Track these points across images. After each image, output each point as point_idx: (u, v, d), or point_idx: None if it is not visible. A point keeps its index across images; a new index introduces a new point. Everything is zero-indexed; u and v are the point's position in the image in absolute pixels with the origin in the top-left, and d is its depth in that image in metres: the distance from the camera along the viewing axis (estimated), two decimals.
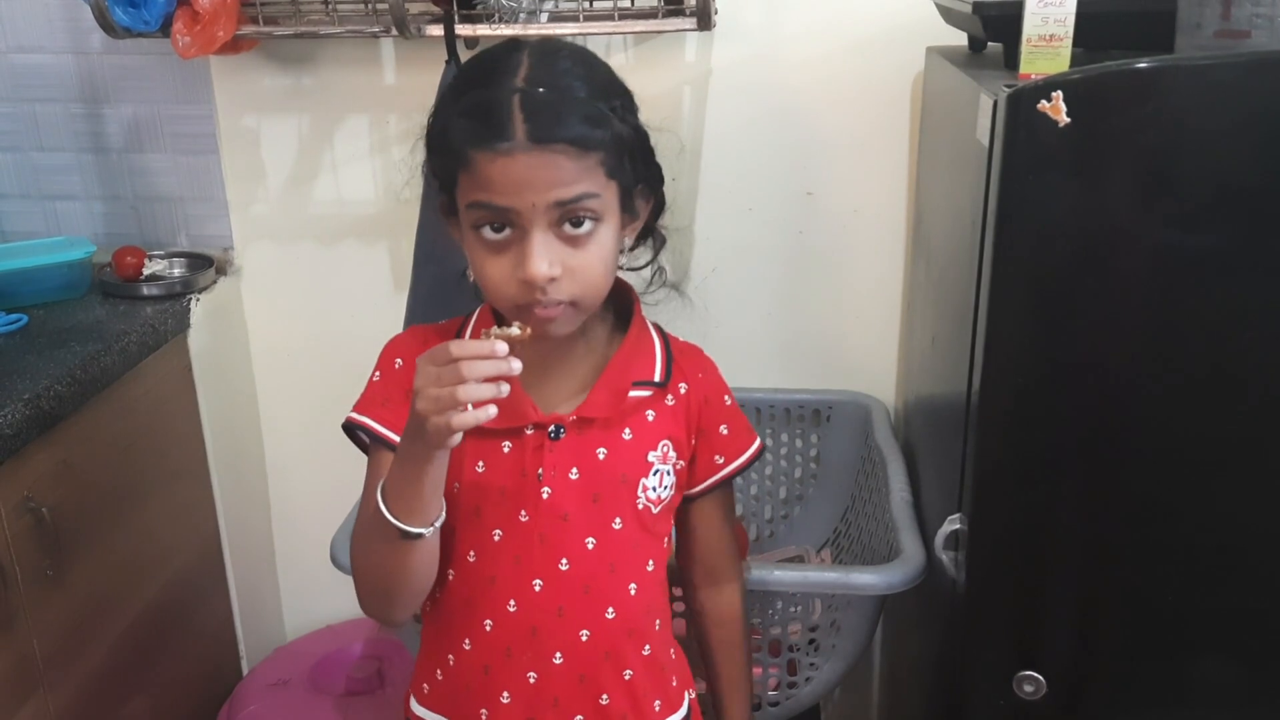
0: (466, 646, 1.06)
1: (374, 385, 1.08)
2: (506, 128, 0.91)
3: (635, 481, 1.06)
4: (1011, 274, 1.00)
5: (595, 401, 1.04)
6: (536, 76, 0.94)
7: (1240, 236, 0.95)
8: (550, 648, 1.05)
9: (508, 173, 0.91)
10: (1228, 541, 1.05)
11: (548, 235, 0.93)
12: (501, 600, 1.04)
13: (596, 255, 0.96)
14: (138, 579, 1.57)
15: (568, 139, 0.92)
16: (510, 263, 0.94)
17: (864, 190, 1.66)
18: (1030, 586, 1.10)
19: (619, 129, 0.96)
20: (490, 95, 0.93)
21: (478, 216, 0.95)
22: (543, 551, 1.03)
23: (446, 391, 0.85)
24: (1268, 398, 1.00)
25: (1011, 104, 0.94)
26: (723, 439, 1.13)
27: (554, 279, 0.94)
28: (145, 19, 1.46)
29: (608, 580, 1.05)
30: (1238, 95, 0.92)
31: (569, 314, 0.97)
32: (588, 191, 0.93)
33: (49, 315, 1.57)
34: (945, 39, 1.45)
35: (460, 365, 0.84)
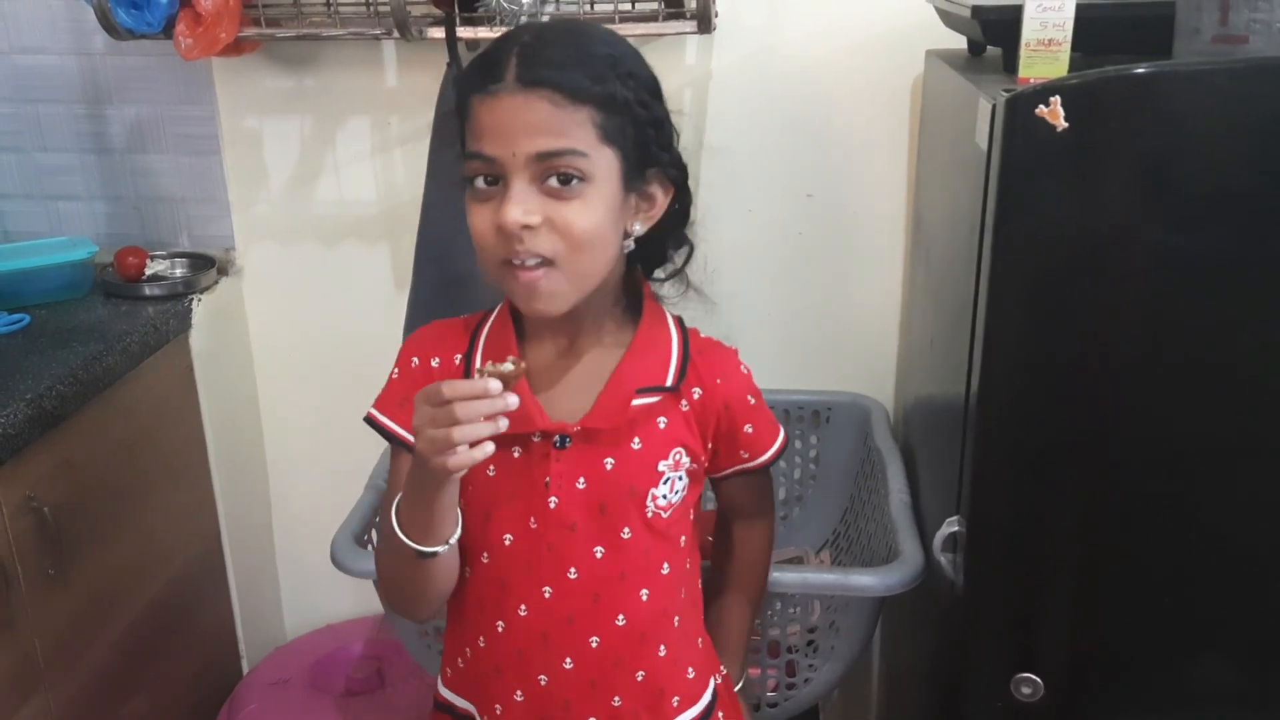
0: (481, 644, 1.07)
1: (393, 382, 1.08)
2: (499, 71, 0.92)
3: (644, 492, 1.04)
4: (1009, 277, 1.01)
5: (600, 411, 1.02)
6: (546, 34, 0.95)
7: (1237, 240, 0.95)
8: (560, 653, 1.04)
9: (495, 115, 0.92)
10: (1226, 543, 1.05)
11: (529, 186, 0.92)
12: (513, 604, 1.04)
13: (581, 211, 0.93)
14: (139, 578, 1.57)
15: (554, 83, 0.91)
16: (492, 212, 0.93)
17: (863, 192, 1.66)
18: (1028, 589, 1.10)
19: (618, 91, 0.94)
20: (495, 48, 0.95)
21: (470, 167, 0.95)
22: (551, 560, 1.03)
23: (442, 433, 0.85)
24: (1265, 399, 1.00)
25: (1010, 108, 0.94)
26: (747, 437, 1.12)
27: (529, 227, 0.92)
28: (148, 20, 1.46)
29: (618, 589, 1.04)
30: (1235, 101, 0.92)
31: (553, 279, 0.94)
32: (572, 147, 0.92)
33: (51, 315, 1.58)
34: (945, 42, 1.45)
35: (454, 407, 0.84)
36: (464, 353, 1.06)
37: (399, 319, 1.59)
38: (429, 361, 1.06)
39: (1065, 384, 1.02)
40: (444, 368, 1.06)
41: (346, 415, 1.80)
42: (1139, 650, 1.10)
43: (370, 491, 1.49)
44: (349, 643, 1.83)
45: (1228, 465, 1.03)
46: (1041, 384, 1.03)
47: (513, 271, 0.94)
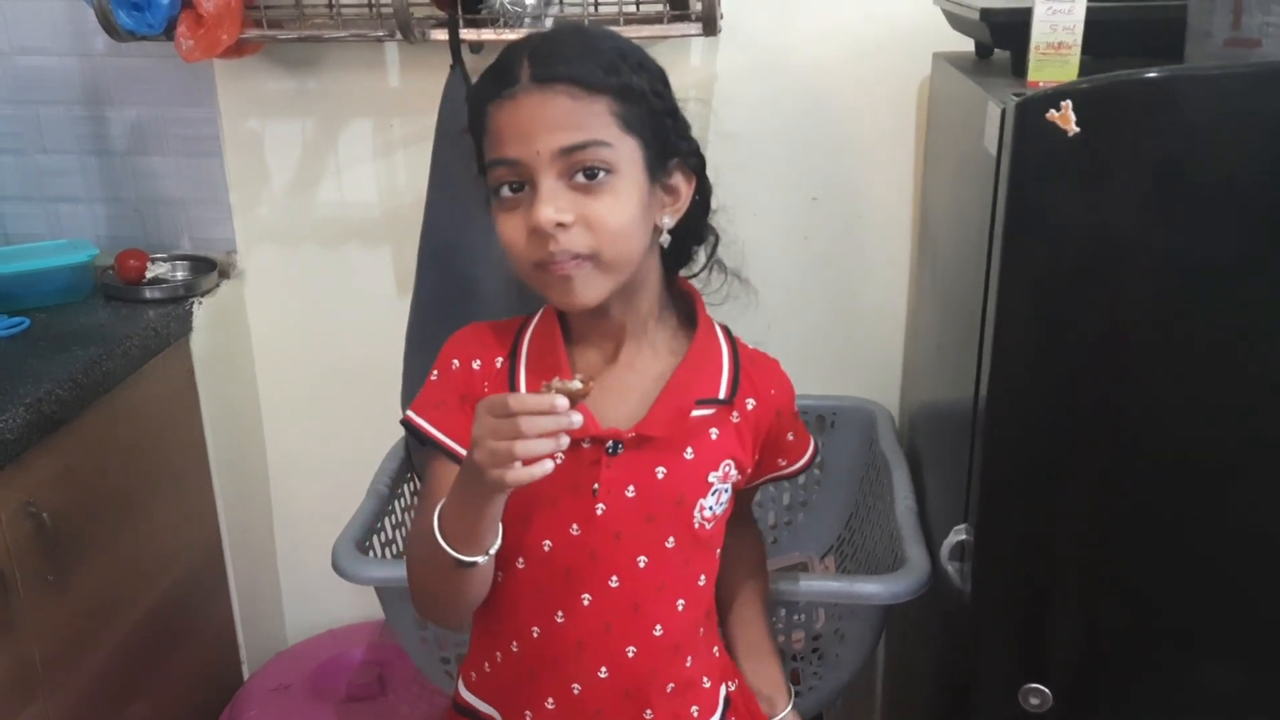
0: (514, 649, 1.06)
1: (431, 385, 1.06)
2: (513, 74, 0.92)
3: (693, 503, 1.03)
4: (1019, 282, 1.00)
5: (657, 418, 1.01)
6: (554, 34, 0.96)
7: (1249, 245, 0.94)
8: (596, 662, 1.03)
9: (514, 118, 0.91)
10: (1236, 552, 1.04)
11: (557, 184, 0.91)
12: (549, 610, 1.03)
13: (612, 205, 0.93)
14: (139, 584, 1.56)
15: (569, 77, 0.91)
16: (523, 217, 0.93)
17: (870, 196, 1.65)
18: (1036, 599, 1.09)
19: (631, 80, 0.94)
20: (507, 54, 0.95)
21: (494, 176, 0.94)
22: (593, 567, 1.02)
23: (503, 446, 0.82)
24: (1274, 406, 0.99)
25: (1020, 113, 0.93)
26: (788, 444, 1.14)
27: (563, 225, 0.91)
28: (149, 22, 1.45)
29: (657, 598, 1.04)
30: (1247, 105, 0.91)
31: (590, 273, 0.94)
32: (595, 139, 0.91)
33: (51, 319, 1.57)
34: (952, 45, 1.44)
35: (519, 420, 0.82)
36: (506, 356, 1.04)
37: (401, 322, 1.58)
38: (470, 364, 1.04)
39: (1075, 391, 1.01)
40: (485, 370, 1.04)
41: (349, 419, 1.82)
42: (1148, 661, 1.09)
43: (372, 497, 1.48)
44: (350, 648, 1.82)
45: (1239, 472, 1.02)
46: (1051, 391, 1.02)
47: (547, 269, 0.94)
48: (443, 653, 1.40)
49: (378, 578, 1.33)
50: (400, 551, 1.52)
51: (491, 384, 1.03)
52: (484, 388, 1.03)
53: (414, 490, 1.62)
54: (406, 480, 1.60)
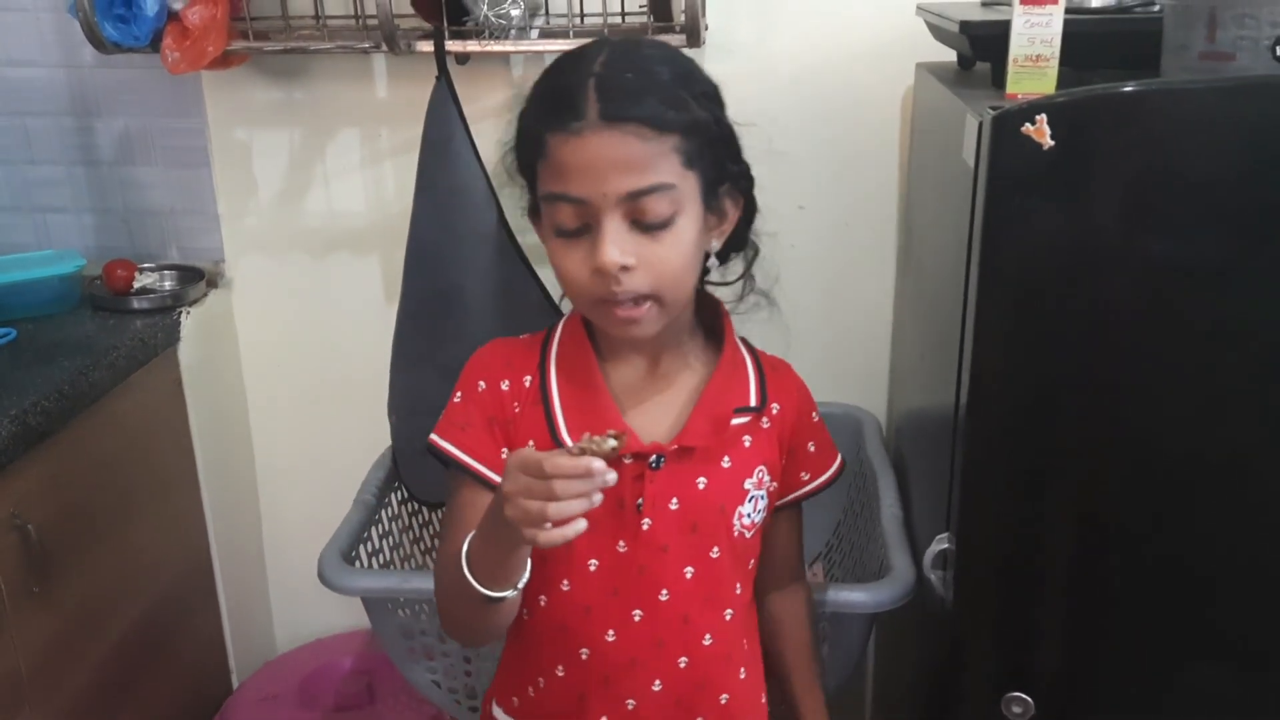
0: (560, 673, 1.04)
1: (454, 407, 1.04)
2: (579, 107, 0.89)
3: (733, 510, 1.04)
4: (998, 293, 1.00)
5: (696, 429, 1.01)
6: (614, 62, 0.92)
7: (1225, 256, 0.95)
8: (649, 677, 1.03)
9: (580, 154, 0.89)
10: (1218, 559, 1.05)
11: (621, 224, 0.91)
12: (599, 630, 1.02)
13: (673, 247, 0.93)
14: (126, 594, 1.56)
15: (640, 117, 0.89)
16: (584, 254, 0.92)
17: (854, 204, 1.66)
18: (1019, 607, 1.10)
19: (698, 115, 0.93)
20: (567, 79, 0.92)
21: (553, 210, 0.93)
22: (642, 583, 1.01)
23: (536, 507, 0.81)
24: (1253, 413, 1.00)
25: (996, 126, 0.94)
26: (810, 456, 1.13)
27: (626, 268, 0.91)
28: (135, 34, 1.46)
29: (705, 608, 1.04)
30: (1222, 118, 0.92)
31: (651, 312, 0.95)
32: (662, 182, 0.91)
33: (38, 329, 1.57)
34: (935, 55, 1.45)
35: (553, 484, 0.80)
36: (535, 373, 1.04)
37: (389, 331, 1.58)
38: (498, 384, 1.03)
39: (1054, 400, 1.02)
40: (515, 390, 1.03)
41: (337, 429, 1.82)
42: (1130, 669, 1.09)
43: (358, 507, 1.49)
44: (339, 658, 1.82)
45: (1218, 479, 1.02)
46: (1030, 400, 1.03)
47: (609, 308, 0.94)
48: (429, 663, 1.40)
49: (364, 588, 1.33)
50: (386, 561, 1.52)
51: (522, 403, 1.02)
52: (514, 408, 1.02)
53: (400, 500, 1.63)
54: (393, 490, 1.61)
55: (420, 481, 1.61)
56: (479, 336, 1.51)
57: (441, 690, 1.42)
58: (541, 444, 1.00)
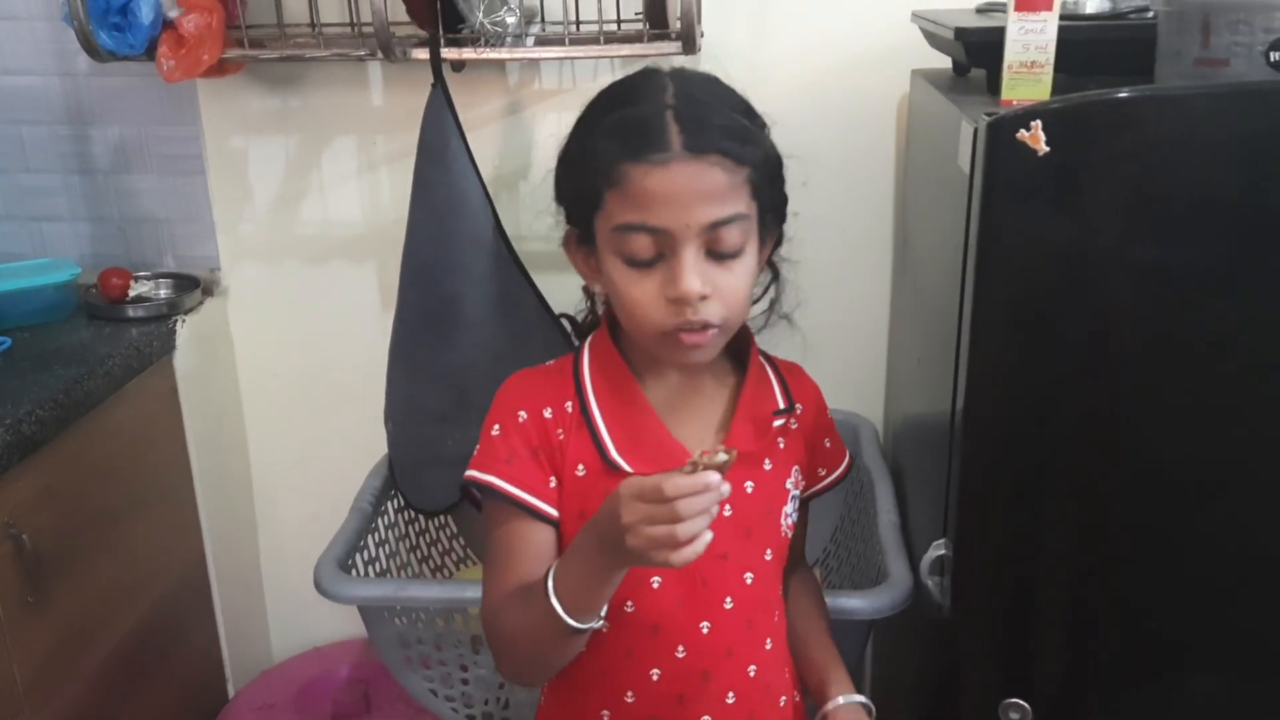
0: (629, 699, 1.02)
1: (495, 440, 1.02)
2: (662, 139, 0.90)
3: (778, 511, 1.06)
4: (993, 299, 1.00)
5: (742, 434, 1.03)
6: (685, 93, 0.94)
7: (1220, 261, 0.95)
8: (723, 689, 1.03)
9: (665, 185, 0.90)
10: (1216, 563, 1.05)
11: (699, 254, 0.92)
12: (668, 648, 1.01)
13: (742, 277, 0.96)
14: (122, 604, 1.55)
15: (722, 150, 0.91)
16: (657, 284, 0.93)
17: (850, 211, 1.66)
18: (1016, 613, 1.10)
19: (766, 148, 0.96)
20: (642, 111, 0.93)
21: (626, 240, 0.93)
22: (706, 594, 1.01)
23: (663, 531, 0.81)
24: (1250, 419, 1.00)
25: (991, 132, 0.94)
26: (826, 452, 1.15)
27: (705, 297, 0.92)
28: (130, 42, 1.45)
29: (763, 612, 1.05)
30: (1216, 124, 0.92)
31: (715, 339, 0.96)
32: (739, 212, 0.93)
33: (33, 338, 1.56)
34: (930, 62, 1.45)
35: (676, 505, 0.81)
36: (574, 398, 1.03)
37: (385, 339, 1.58)
38: (540, 413, 1.02)
39: (1051, 406, 1.02)
40: (558, 418, 1.02)
41: (333, 437, 1.81)
42: (1127, 674, 1.09)
43: (355, 515, 1.48)
44: (336, 666, 1.82)
45: (1215, 485, 1.03)
46: (1027, 406, 1.03)
47: (675, 335, 0.95)
48: (426, 671, 1.40)
49: (360, 597, 1.33)
50: (383, 570, 1.52)
51: (566, 429, 1.01)
52: (558, 434, 1.01)
53: (397, 508, 1.62)
54: (390, 498, 1.61)
55: (417, 490, 1.61)
56: (476, 344, 1.53)
57: (439, 699, 1.42)
58: (592, 467, 1.00)
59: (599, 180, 0.93)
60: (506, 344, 1.53)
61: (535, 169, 1.67)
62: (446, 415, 1.55)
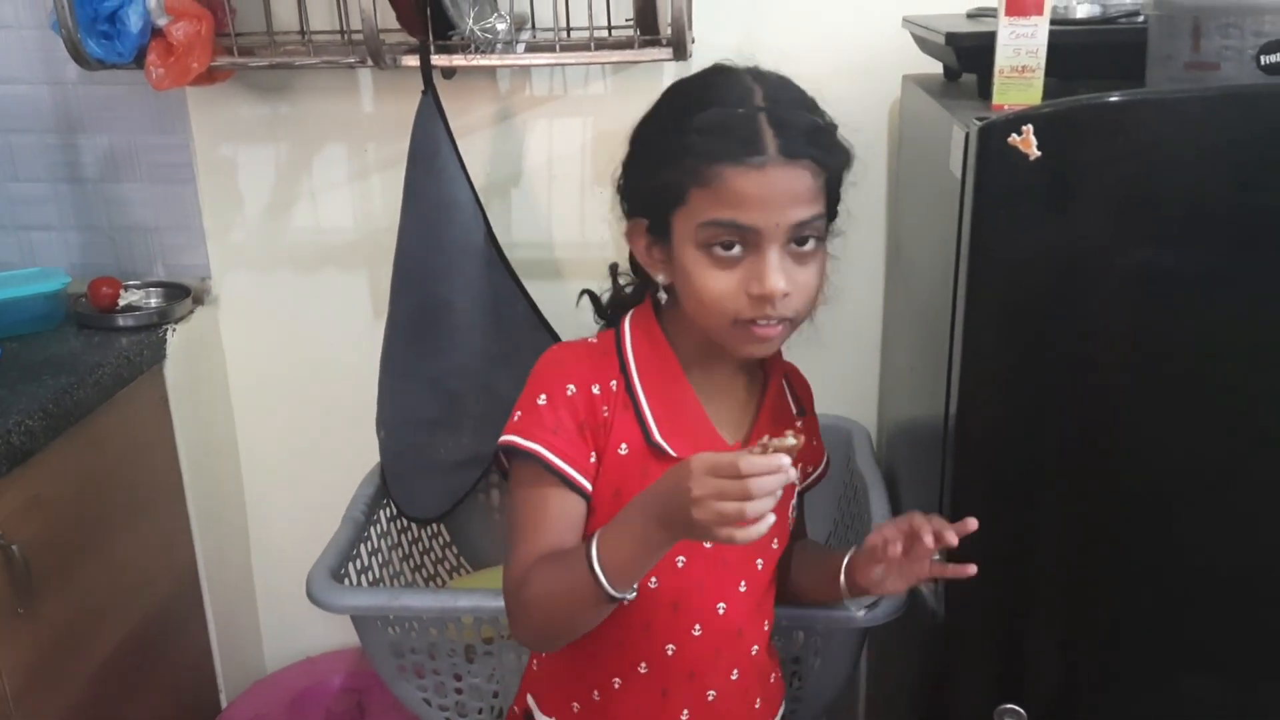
0: (643, 670, 1.07)
1: (541, 409, 1.02)
2: (759, 142, 0.94)
3: (788, 504, 1.12)
4: (986, 303, 1.00)
5: (767, 429, 1.07)
6: (775, 97, 0.97)
7: (1211, 263, 0.96)
8: (729, 667, 1.09)
9: (761, 187, 0.93)
10: (1211, 566, 1.05)
11: (782, 252, 0.96)
12: (686, 626, 1.06)
13: (817, 274, 1.00)
14: (112, 614, 1.54)
15: (812, 156, 0.95)
16: (739, 278, 0.96)
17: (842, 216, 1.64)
18: (1010, 618, 1.10)
19: (845, 152, 1.01)
20: (735, 114, 0.96)
21: (713, 234, 0.96)
22: (726, 575, 1.07)
23: (733, 507, 0.84)
24: (1242, 422, 1.00)
25: (983, 137, 0.94)
26: (812, 449, 1.20)
27: (787, 294, 0.96)
28: (118, 50, 1.45)
29: (767, 596, 1.12)
30: (1207, 127, 0.92)
31: (784, 333, 1.00)
32: (821, 212, 0.98)
33: (23, 347, 1.56)
34: (921, 67, 1.45)
35: (749, 483, 0.84)
36: (618, 378, 1.05)
37: (377, 347, 1.57)
38: (589, 388, 1.03)
39: (1043, 410, 1.02)
40: (605, 394, 1.04)
41: (325, 445, 1.81)
42: (1122, 679, 1.09)
43: (347, 524, 1.48)
44: (328, 676, 1.81)
45: (1207, 489, 1.03)
46: (1020, 410, 1.03)
47: (749, 328, 0.98)
48: (419, 680, 1.39)
49: (353, 606, 1.33)
50: (375, 579, 1.51)
51: (612, 407, 1.04)
52: (604, 411, 1.03)
53: (390, 516, 1.61)
54: (382, 506, 1.60)
55: (409, 498, 1.60)
56: (467, 351, 1.53)
57: (432, 708, 1.41)
58: (635, 447, 1.03)
59: (687, 178, 0.96)
60: (498, 351, 1.53)
61: (526, 176, 1.67)
62: (438, 422, 1.55)
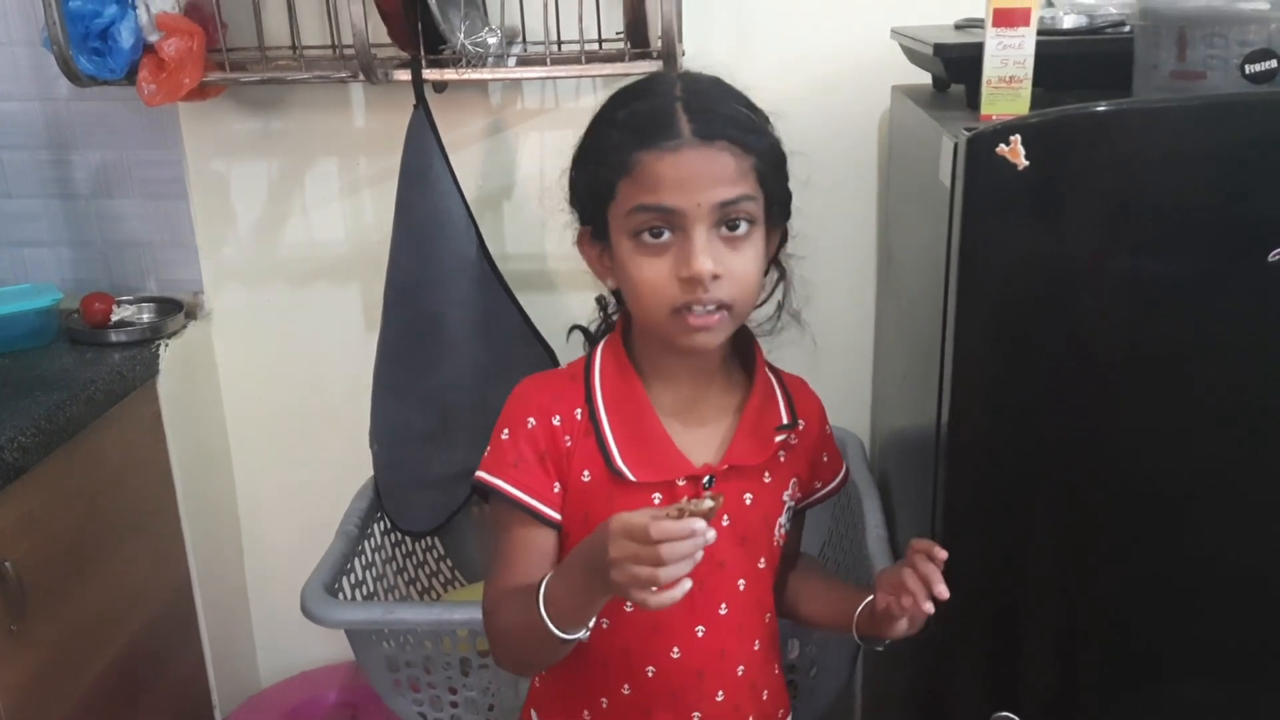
0: (626, 691, 1.07)
1: (504, 444, 1.05)
2: (673, 127, 0.95)
3: (773, 522, 1.10)
4: (976, 312, 1.01)
5: (742, 449, 1.06)
6: (694, 89, 0.99)
7: (1199, 272, 0.96)
8: (714, 689, 1.08)
9: (676, 169, 0.94)
10: (1202, 573, 1.05)
11: (710, 234, 0.96)
12: (664, 648, 1.06)
13: (751, 259, 0.99)
14: (107, 631, 1.54)
15: (729, 137, 0.95)
16: (669, 264, 0.96)
17: (832, 227, 1.66)
18: (1004, 625, 1.10)
19: (771, 140, 1.01)
20: (652, 104, 0.98)
21: (640, 220, 0.96)
22: (703, 598, 1.04)
23: (646, 572, 0.84)
24: (1231, 428, 1.01)
25: (971, 147, 0.95)
26: (824, 465, 1.19)
27: (716, 277, 0.95)
28: (110, 67, 1.45)
29: (754, 615, 1.10)
30: (1193, 136, 0.93)
31: (724, 322, 0.99)
32: (747, 193, 0.97)
33: (14, 364, 1.55)
34: (910, 78, 1.46)
35: (660, 549, 0.83)
36: (583, 405, 1.05)
37: (370, 361, 1.57)
38: (549, 420, 1.04)
39: (1035, 418, 1.03)
40: (566, 425, 1.05)
41: (318, 459, 1.80)
42: (1117, 685, 1.09)
43: (341, 538, 1.48)
44: (324, 691, 1.80)
45: (1199, 494, 1.03)
46: (1011, 418, 1.03)
47: (684, 317, 0.97)
48: (415, 694, 1.39)
49: (348, 620, 1.32)
50: (370, 593, 1.51)
51: (574, 436, 1.04)
52: (566, 442, 1.04)
53: (383, 530, 1.61)
54: (376, 520, 1.60)
55: (403, 512, 1.60)
56: (460, 365, 1.53)
57: None
58: (597, 474, 1.04)
59: (612, 172, 0.98)
60: (491, 364, 1.53)
61: (518, 189, 1.67)
62: (432, 436, 1.55)
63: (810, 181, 1.60)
